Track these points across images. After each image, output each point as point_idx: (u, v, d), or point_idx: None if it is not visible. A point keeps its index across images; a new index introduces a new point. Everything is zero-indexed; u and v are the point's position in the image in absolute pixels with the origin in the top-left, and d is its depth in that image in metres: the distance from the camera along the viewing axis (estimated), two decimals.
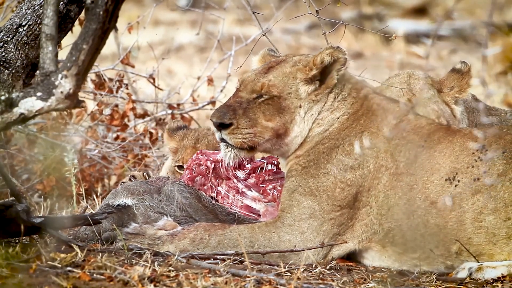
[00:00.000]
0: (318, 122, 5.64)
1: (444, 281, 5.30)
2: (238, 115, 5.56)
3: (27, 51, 5.71)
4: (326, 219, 5.47)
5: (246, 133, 5.56)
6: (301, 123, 5.62)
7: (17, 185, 6.91)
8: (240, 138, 5.55)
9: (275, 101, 5.60)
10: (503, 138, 5.45)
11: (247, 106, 5.59)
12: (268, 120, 5.59)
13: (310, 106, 5.63)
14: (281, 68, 5.67)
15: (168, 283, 4.78)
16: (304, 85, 5.63)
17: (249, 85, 5.64)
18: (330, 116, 5.65)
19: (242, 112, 5.57)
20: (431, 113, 6.05)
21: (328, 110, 5.65)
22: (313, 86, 5.64)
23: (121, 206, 5.64)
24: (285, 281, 4.93)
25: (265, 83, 5.61)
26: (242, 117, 5.56)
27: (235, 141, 5.55)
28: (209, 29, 15.99)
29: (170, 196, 5.68)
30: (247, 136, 5.56)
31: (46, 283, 4.61)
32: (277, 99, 5.60)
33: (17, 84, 5.67)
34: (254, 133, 5.56)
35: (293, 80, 5.64)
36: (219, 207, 5.70)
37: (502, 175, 5.36)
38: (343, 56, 5.62)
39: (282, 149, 5.66)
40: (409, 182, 5.44)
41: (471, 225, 5.35)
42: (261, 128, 5.58)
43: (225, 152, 5.60)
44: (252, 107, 5.60)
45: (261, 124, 5.58)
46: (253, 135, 5.56)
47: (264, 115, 5.59)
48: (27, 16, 5.70)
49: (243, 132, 5.55)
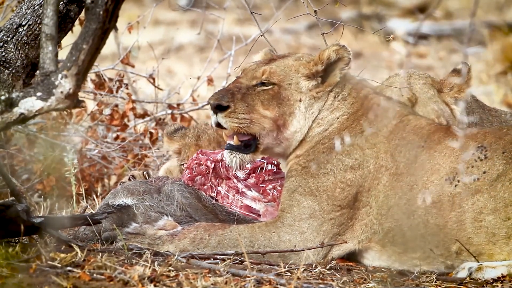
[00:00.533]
0: (318, 122, 5.64)
1: (444, 281, 5.30)
2: (236, 99, 5.56)
3: (27, 51, 5.71)
4: (326, 219, 5.47)
5: (242, 118, 5.54)
6: (301, 119, 5.62)
7: (17, 185, 6.91)
8: (236, 123, 5.53)
9: (274, 90, 5.60)
10: (503, 138, 5.45)
11: (246, 92, 5.59)
12: (266, 108, 5.58)
13: (310, 102, 5.63)
14: (283, 60, 5.70)
15: (168, 283, 4.78)
16: (306, 80, 5.63)
17: (250, 72, 5.66)
18: (330, 116, 5.65)
19: (240, 97, 5.57)
20: (431, 113, 6.05)
21: (328, 110, 5.65)
22: (315, 82, 5.64)
23: (121, 206, 5.64)
24: (285, 281, 4.93)
25: (266, 69, 5.62)
26: (240, 101, 5.55)
27: (231, 125, 5.54)
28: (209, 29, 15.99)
29: (170, 195, 5.68)
30: (243, 122, 5.54)
31: (46, 283, 4.61)
32: (277, 88, 5.60)
33: (17, 84, 5.67)
34: (250, 119, 5.55)
35: (295, 73, 5.64)
36: (219, 207, 5.70)
37: (502, 175, 5.36)
38: (348, 56, 5.63)
39: (283, 145, 5.65)
40: (409, 182, 5.44)
41: (471, 225, 5.35)
42: (258, 115, 5.57)
43: (230, 159, 5.58)
44: (251, 93, 5.60)
45: (258, 111, 5.57)
46: (249, 121, 5.55)
47: (262, 103, 5.58)
48: (27, 16, 5.70)
49: (239, 117, 5.54)
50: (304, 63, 5.66)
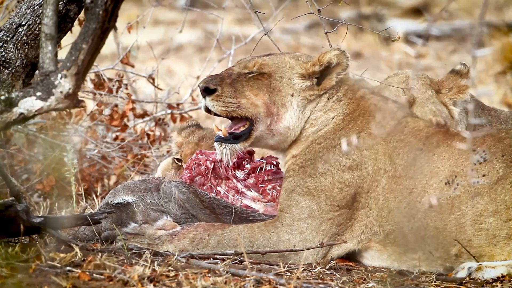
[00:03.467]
0: (311, 122, 5.64)
1: (444, 281, 5.30)
2: (224, 83, 5.59)
3: (26, 51, 5.71)
4: (324, 219, 5.47)
5: (229, 102, 5.57)
6: (294, 116, 5.62)
7: (16, 185, 6.91)
8: (222, 106, 5.56)
9: (264, 78, 5.63)
10: (502, 141, 5.45)
11: (236, 78, 5.63)
12: (255, 94, 5.59)
13: (303, 103, 5.64)
14: (280, 56, 5.73)
15: (167, 283, 4.78)
16: (300, 79, 5.64)
17: (244, 62, 5.70)
18: (324, 117, 5.65)
19: (229, 82, 5.60)
20: (429, 113, 6.05)
21: (321, 111, 5.66)
22: (309, 83, 5.65)
23: (121, 203, 5.64)
24: (285, 281, 4.93)
25: (258, 61, 5.66)
26: (227, 86, 5.58)
27: (218, 108, 5.56)
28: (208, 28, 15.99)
29: (167, 192, 5.67)
30: (230, 105, 5.56)
31: (46, 283, 4.61)
32: (267, 76, 5.63)
33: (17, 84, 5.67)
34: (237, 104, 5.57)
35: (289, 69, 5.66)
36: (216, 200, 5.69)
37: (503, 178, 5.36)
38: (346, 61, 5.64)
39: (276, 138, 5.64)
40: (408, 186, 5.44)
41: (471, 227, 5.35)
42: (246, 100, 5.58)
43: (220, 151, 5.59)
44: (241, 79, 5.63)
45: (246, 96, 5.59)
46: (236, 106, 5.57)
47: (252, 89, 5.60)
48: (26, 15, 5.70)
49: (226, 101, 5.57)
50: (301, 63, 5.67)
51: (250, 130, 5.60)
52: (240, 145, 5.60)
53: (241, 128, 5.62)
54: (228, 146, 5.59)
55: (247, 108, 5.58)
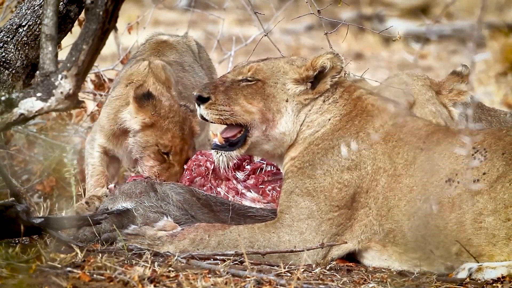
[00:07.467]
0: (307, 124, 5.65)
1: (444, 281, 5.30)
2: (218, 91, 5.61)
3: (27, 52, 5.72)
4: (324, 219, 5.47)
5: (222, 110, 5.59)
6: (289, 122, 5.62)
7: (17, 186, 6.91)
8: (216, 114, 5.59)
9: (258, 86, 5.64)
10: (502, 139, 5.45)
11: (230, 85, 5.64)
12: (249, 102, 5.60)
13: (298, 107, 5.64)
14: (274, 61, 5.73)
15: (168, 284, 4.78)
16: (294, 83, 5.65)
17: (238, 68, 5.71)
18: (320, 118, 5.65)
19: (223, 90, 5.61)
20: (429, 114, 6.05)
21: (317, 113, 5.66)
22: (303, 87, 5.66)
23: (121, 210, 5.64)
24: (285, 282, 4.93)
25: (253, 66, 5.66)
26: (221, 94, 5.60)
27: (212, 116, 5.59)
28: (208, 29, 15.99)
29: (164, 196, 5.67)
30: (223, 113, 5.59)
31: (46, 283, 4.61)
32: (261, 83, 5.64)
33: (17, 85, 5.68)
34: (231, 112, 5.59)
35: (283, 74, 5.67)
36: (212, 198, 5.69)
37: (502, 177, 5.36)
38: (340, 64, 5.65)
39: (272, 144, 5.64)
40: (408, 184, 5.44)
41: (471, 226, 5.35)
42: (239, 108, 5.59)
43: (217, 158, 5.62)
44: (234, 87, 5.64)
45: (240, 104, 5.60)
46: (230, 114, 5.59)
47: (246, 97, 5.61)
48: (27, 16, 5.71)
49: (219, 109, 5.59)
50: (295, 68, 5.68)
51: (245, 136, 5.62)
52: (236, 152, 5.63)
53: (238, 135, 5.64)
54: (224, 153, 5.62)
55: (241, 115, 5.60)
